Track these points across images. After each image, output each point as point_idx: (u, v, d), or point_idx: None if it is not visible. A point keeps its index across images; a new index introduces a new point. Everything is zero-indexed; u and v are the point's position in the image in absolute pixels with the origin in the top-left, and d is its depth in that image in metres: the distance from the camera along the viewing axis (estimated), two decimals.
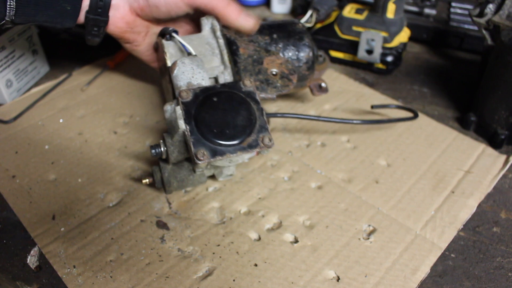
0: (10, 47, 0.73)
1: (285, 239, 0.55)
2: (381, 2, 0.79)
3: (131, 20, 0.64)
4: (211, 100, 0.51)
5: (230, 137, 0.50)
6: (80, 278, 0.50)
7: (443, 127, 0.72)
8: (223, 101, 0.51)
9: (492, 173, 0.64)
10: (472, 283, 0.52)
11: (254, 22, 0.63)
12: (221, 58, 0.61)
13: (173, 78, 0.55)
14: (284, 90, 0.62)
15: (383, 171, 0.64)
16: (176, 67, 0.55)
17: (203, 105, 0.51)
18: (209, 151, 0.49)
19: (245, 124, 0.51)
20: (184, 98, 0.50)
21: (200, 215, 0.58)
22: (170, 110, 0.55)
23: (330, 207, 0.59)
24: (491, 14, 0.69)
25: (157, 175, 0.56)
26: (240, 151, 0.50)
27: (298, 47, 0.67)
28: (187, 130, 0.49)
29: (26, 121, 0.71)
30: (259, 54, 0.63)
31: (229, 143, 0.49)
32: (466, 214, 0.58)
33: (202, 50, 0.61)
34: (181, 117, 0.50)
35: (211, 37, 0.63)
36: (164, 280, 0.50)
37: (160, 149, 0.53)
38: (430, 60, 0.91)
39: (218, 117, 0.50)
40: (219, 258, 0.53)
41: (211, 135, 0.49)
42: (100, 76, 0.82)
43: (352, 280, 0.51)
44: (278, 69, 0.63)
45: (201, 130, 0.49)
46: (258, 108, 0.52)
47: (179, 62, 0.55)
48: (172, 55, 0.60)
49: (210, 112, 0.50)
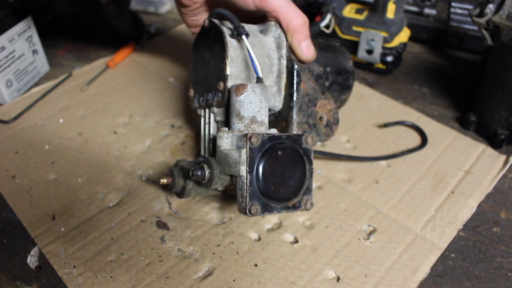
0: (10, 47, 0.73)
1: (285, 239, 0.55)
2: (381, 2, 0.79)
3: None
4: (276, 153, 0.48)
5: (283, 198, 0.48)
6: (80, 278, 0.50)
7: (443, 127, 0.72)
8: (285, 157, 0.49)
9: (492, 173, 0.64)
10: (472, 283, 0.52)
11: (314, 54, 0.57)
12: (277, 80, 0.56)
13: (235, 102, 0.50)
14: (324, 140, 0.59)
15: (383, 171, 0.64)
16: (245, 92, 0.50)
17: (268, 157, 0.47)
18: (261, 206, 0.47)
19: (298, 186, 0.49)
20: (253, 144, 0.46)
21: (200, 215, 0.58)
22: (228, 143, 0.50)
23: (330, 207, 0.59)
24: (491, 14, 0.69)
25: (179, 182, 0.54)
26: (285, 210, 0.48)
27: (343, 88, 0.63)
28: (247, 180, 0.46)
29: (26, 121, 0.71)
30: (315, 95, 0.58)
31: (280, 203, 0.48)
32: (466, 214, 0.59)
33: (261, 62, 0.55)
34: (244, 163, 0.46)
35: (273, 49, 0.56)
36: (164, 280, 0.50)
37: (204, 174, 0.50)
38: (430, 60, 0.91)
39: (277, 174, 0.48)
40: (219, 258, 0.53)
41: (268, 192, 0.47)
42: (100, 76, 0.82)
43: (352, 280, 0.51)
44: (326, 115, 0.58)
45: (259, 183, 0.47)
46: (310, 169, 0.50)
47: (250, 88, 0.50)
48: (232, 60, 0.53)
49: (272, 167, 0.48)
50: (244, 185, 0.46)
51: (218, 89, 0.53)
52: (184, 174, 0.54)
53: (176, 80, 0.81)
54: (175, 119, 0.73)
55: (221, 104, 0.53)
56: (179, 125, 0.72)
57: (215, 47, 0.55)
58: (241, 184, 0.47)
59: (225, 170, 0.49)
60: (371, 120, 0.73)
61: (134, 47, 0.89)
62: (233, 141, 0.49)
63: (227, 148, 0.49)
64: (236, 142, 0.49)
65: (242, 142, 0.47)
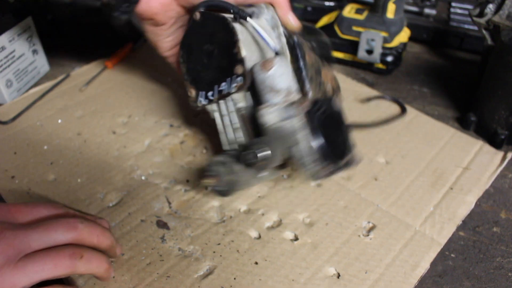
0: (10, 47, 0.73)
1: (285, 237, 0.55)
2: (381, 2, 0.79)
3: (166, 2, 0.57)
4: (322, 115, 0.48)
5: (338, 156, 0.49)
6: (81, 279, 0.49)
7: (441, 125, 0.72)
8: (330, 119, 0.50)
9: (490, 169, 0.65)
10: (472, 283, 0.52)
11: (299, 23, 0.58)
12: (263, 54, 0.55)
13: (265, 78, 0.49)
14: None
15: (382, 168, 0.64)
16: (274, 66, 0.49)
17: (317, 121, 0.48)
18: (327, 168, 0.48)
19: (345, 144, 0.51)
20: (304, 109, 0.47)
21: (200, 214, 0.58)
22: (275, 117, 0.49)
23: (330, 205, 0.59)
24: (491, 14, 0.69)
25: (227, 178, 0.52)
26: (345, 167, 0.49)
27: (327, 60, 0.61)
28: (309, 144, 0.46)
29: (24, 121, 0.71)
30: (319, 65, 0.56)
31: (337, 163, 0.49)
32: (464, 210, 0.59)
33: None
34: (301, 130, 0.46)
35: (269, 31, 0.55)
36: (165, 279, 0.50)
37: (269, 155, 0.48)
38: (430, 60, 0.91)
39: (329, 135, 0.49)
40: (220, 257, 0.53)
41: (327, 153, 0.47)
42: (99, 77, 0.82)
43: (352, 277, 0.51)
44: (331, 83, 0.57)
45: (319, 146, 0.47)
46: (348, 127, 0.52)
47: (277, 61, 0.49)
48: (244, 44, 0.52)
49: (324, 128, 0.48)
50: (308, 150, 0.47)
51: (237, 73, 0.52)
52: (228, 168, 0.52)
53: (174, 80, 0.81)
54: (174, 118, 0.73)
55: (243, 88, 0.53)
56: (178, 124, 0.72)
57: (218, 36, 0.54)
58: (302, 151, 0.47)
59: (279, 144, 0.48)
60: (370, 118, 0.73)
61: (132, 47, 0.89)
62: (281, 114, 0.49)
63: (277, 122, 0.49)
64: (284, 113, 0.48)
65: (292, 111, 0.47)
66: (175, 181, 0.62)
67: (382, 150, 0.67)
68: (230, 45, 0.52)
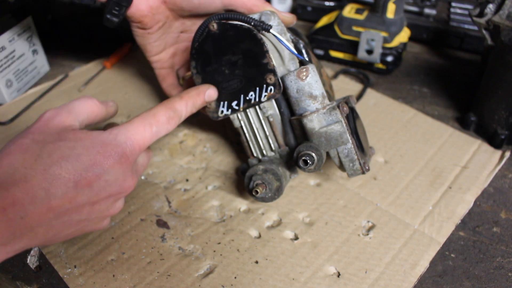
0: (10, 47, 0.73)
1: (285, 236, 0.55)
2: (381, 2, 0.79)
3: (155, 6, 0.59)
4: (351, 116, 0.54)
5: (366, 151, 0.55)
6: (81, 278, 0.50)
7: (439, 124, 0.72)
8: (356, 118, 0.56)
9: (488, 168, 0.65)
10: (472, 283, 0.51)
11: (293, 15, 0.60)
12: (292, 62, 0.56)
13: (302, 86, 0.52)
14: None
15: (381, 167, 0.64)
16: (310, 74, 0.52)
17: (351, 121, 0.53)
18: (367, 163, 0.54)
19: (366, 139, 0.58)
20: (345, 112, 0.51)
21: (200, 213, 0.58)
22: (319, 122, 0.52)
23: (329, 204, 0.59)
24: (491, 14, 0.69)
25: (274, 185, 0.55)
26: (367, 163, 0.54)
27: None
28: (354, 144, 0.51)
29: (23, 122, 0.71)
30: (319, 65, 0.60)
31: (367, 157, 0.55)
32: (463, 209, 0.59)
33: (273, 54, 0.55)
34: (346, 131, 0.51)
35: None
36: (165, 278, 0.50)
37: (314, 160, 0.51)
38: (430, 60, 0.91)
39: (359, 133, 0.55)
40: (220, 256, 0.53)
41: (362, 149, 0.54)
42: (97, 77, 0.82)
43: (352, 276, 0.51)
44: (327, 82, 0.60)
45: (358, 145, 0.53)
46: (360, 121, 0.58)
47: (311, 69, 0.52)
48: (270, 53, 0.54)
49: (356, 127, 0.54)
50: (353, 149, 0.51)
51: (268, 83, 0.54)
52: (274, 175, 0.55)
53: None
54: None
55: (275, 96, 0.54)
56: None
57: (242, 46, 0.54)
58: (347, 150, 0.51)
59: (326, 147, 0.52)
60: (368, 117, 0.73)
61: (131, 47, 0.89)
62: (325, 118, 0.52)
63: (323, 127, 0.52)
64: (328, 118, 0.51)
65: (334, 115, 0.51)
66: (174, 180, 0.62)
67: (380, 150, 0.67)
68: (259, 55, 0.53)
